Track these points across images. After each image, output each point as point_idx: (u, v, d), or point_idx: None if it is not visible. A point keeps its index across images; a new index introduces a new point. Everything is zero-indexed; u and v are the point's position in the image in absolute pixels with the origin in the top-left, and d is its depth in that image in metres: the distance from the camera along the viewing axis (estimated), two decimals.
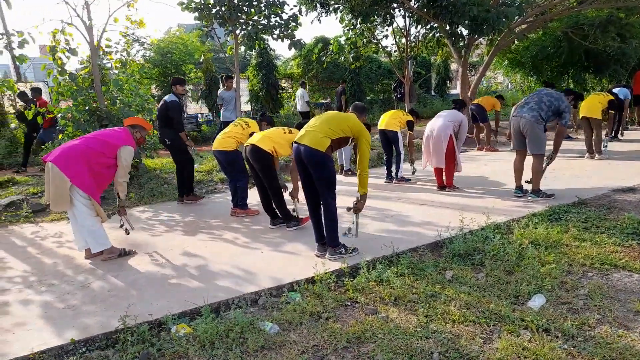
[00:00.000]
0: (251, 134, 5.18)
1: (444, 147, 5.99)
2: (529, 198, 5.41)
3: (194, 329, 2.80)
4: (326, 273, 3.43)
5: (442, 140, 5.99)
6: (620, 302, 2.93)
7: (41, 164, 9.73)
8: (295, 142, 3.82)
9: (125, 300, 3.29)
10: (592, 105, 7.88)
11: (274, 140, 4.72)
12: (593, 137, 7.82)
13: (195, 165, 6.66)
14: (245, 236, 4.72)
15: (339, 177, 7.05)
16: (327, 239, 3.89)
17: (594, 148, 7.83)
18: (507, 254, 3.68)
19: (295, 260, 3.96)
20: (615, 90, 9.06)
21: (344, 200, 4.58)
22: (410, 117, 6.92)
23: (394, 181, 6.96)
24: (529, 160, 5.43)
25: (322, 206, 3.87)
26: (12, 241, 5.01)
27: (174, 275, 3.77)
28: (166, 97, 6.09)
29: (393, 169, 6.96)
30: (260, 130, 5.34)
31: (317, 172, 3.72)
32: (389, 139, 6.84)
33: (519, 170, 5.57)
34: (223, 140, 5.32)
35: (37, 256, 4.45)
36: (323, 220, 3.90)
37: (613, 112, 8.30)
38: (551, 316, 2.74)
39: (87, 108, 6.90)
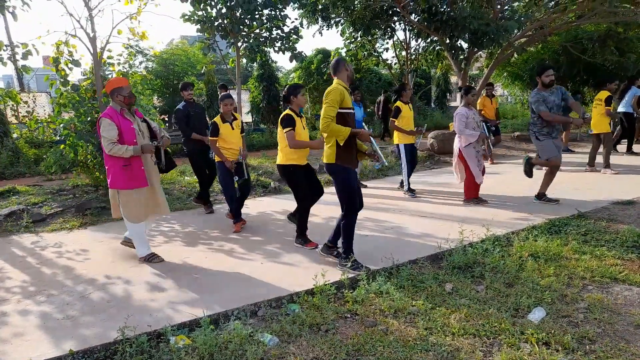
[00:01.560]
0: None
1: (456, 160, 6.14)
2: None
3: (193, 341, 2.79)
4: (326, 285, 3.43)
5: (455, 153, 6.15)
6: (621, 315, 2.92)
7: (42, 174, 9.77)
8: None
9: (124, 311, 3.28)
10: (596, 120, 7.83)
11: (281, 148, 4.54)
12: (600, 151, 7.83)
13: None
14: (244, 247, 4.72)
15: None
16: (342, 246, 3.98)
17: (603, 162, 7.75)
18: (507, 266, 3.68)
19: (294, 271, 3.96)
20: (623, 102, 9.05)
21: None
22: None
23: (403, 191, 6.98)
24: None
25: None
26: (12, 251, 5.01)
27: (173, 286, 3.76)
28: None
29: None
30: None
31: (334, 182, 3.87)
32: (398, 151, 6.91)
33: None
34: None
35: (36, 266, 4.45)
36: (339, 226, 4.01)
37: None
38: (551, 329, 2.73)
39: (89, 119, 6.95)
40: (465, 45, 10.43)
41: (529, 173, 5.90)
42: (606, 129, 7.78)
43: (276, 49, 9.35)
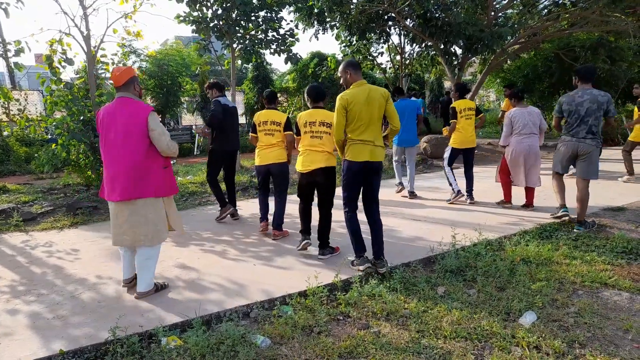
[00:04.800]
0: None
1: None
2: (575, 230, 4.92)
3: (184, 342, 2.78)
4: (319, 287, 3.43)
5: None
6: (610, 320, 2.95)
7: (33, 173, 9.68)
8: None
9: (115, 311, 3.25)
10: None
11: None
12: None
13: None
14: (237, 249, 4.71)
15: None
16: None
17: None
18: (498, 270, 3.70)
19: (287, 273, 3.95)
20: None
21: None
22: None
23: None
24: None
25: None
26: (1, 250, 4.95)
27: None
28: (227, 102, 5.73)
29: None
30: None
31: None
32: None
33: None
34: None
35: (26, 265, 4.40)
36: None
37: None
38: (542, 333, 2.76)
39: (81, 118, 6.90)
40: (459, 51, 10.51)
41: None
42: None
43: (271, 50, 9.36)
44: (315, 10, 10.34)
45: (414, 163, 7.08)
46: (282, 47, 9.34)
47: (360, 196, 3.97)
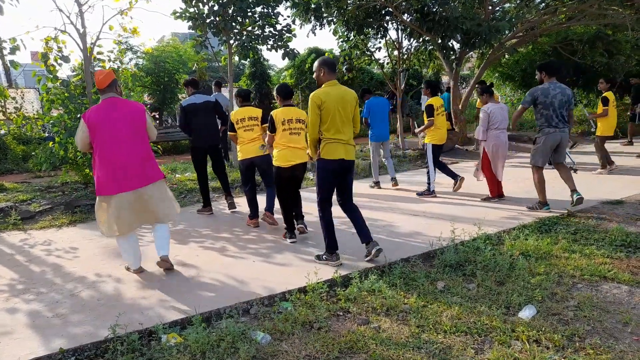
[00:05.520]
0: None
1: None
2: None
3: (185, 339, 2.78)
4: (318, 283, 3.43)
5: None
6: (610, 313, 2.96)
7: (31, 171, 9.64)
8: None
9: (115, 309, 3.25)
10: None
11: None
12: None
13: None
14: (236, 246, 4.70)
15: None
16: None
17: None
18: (498, 264, 3.70)
19: (287, 269, 3.95)
20: None
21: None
22: None
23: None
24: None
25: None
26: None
27: (164, 284, 3.74)
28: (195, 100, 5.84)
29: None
30: None
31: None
32: None
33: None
34: None
35: (25, 264, 4.39)
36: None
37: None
38: (542, 327, 2.76)
39: (78, 115, 6.87)
40: (456, 46, 10.48)
41: None
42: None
43: (268, 46, 9.31)
44: (312, 6, 10.29)
45: (390, 154, 7.68)
46: (279, 43, 9.30)
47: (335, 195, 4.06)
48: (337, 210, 4.07)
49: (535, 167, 5.39)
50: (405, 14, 10.26)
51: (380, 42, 12.63)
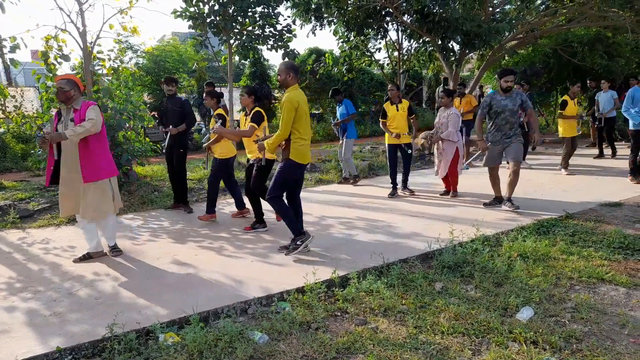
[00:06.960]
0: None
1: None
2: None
3: (182, 338, 2.78)
4: (316, 283, 3.43)
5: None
6: (607, 315, 2.96)
7: (30, 170, 9.64)
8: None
9: (112, 308, 3.25)
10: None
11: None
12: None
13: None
14: (234, 245, 4.70)
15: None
16: None
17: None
18: (496, 266, 3.71)
19: (285, 269, 3.95)
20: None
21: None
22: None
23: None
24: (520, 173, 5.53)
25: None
26: None
27: (162, 283, 3.74)
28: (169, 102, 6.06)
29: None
30: None
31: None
32: None
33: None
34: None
35: (23, 262, 4.39)
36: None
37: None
38: (539, 328, 2.76)
39: None
40: (456, 47, 10.49)
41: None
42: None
43: (269, 46, 9.32)
44: (313, 6, 10.30)
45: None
46: (280, 43, 9.30)
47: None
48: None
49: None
50: (406, 15, 10.28)
51: (380, 43, 12.66)
